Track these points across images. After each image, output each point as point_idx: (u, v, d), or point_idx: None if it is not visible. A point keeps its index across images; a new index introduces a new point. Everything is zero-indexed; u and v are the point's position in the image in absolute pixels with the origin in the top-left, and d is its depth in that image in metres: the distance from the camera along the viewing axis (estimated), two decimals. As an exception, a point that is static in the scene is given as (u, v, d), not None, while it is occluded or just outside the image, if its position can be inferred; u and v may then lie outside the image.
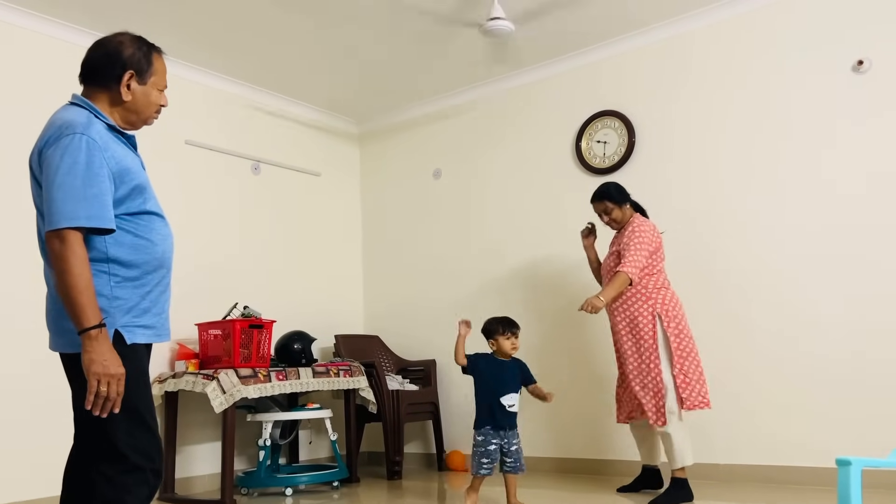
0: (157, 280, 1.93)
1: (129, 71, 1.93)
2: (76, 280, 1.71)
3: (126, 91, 1.93)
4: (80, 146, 1.77)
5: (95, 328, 1.72)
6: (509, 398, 3.36)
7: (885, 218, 3.70)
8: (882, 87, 3.78)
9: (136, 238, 1.88)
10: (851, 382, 3.69)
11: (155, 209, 1.96)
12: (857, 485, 1.76)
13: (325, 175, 5.67)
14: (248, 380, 4.00)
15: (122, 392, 1.75)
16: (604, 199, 3.75)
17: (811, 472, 3.71)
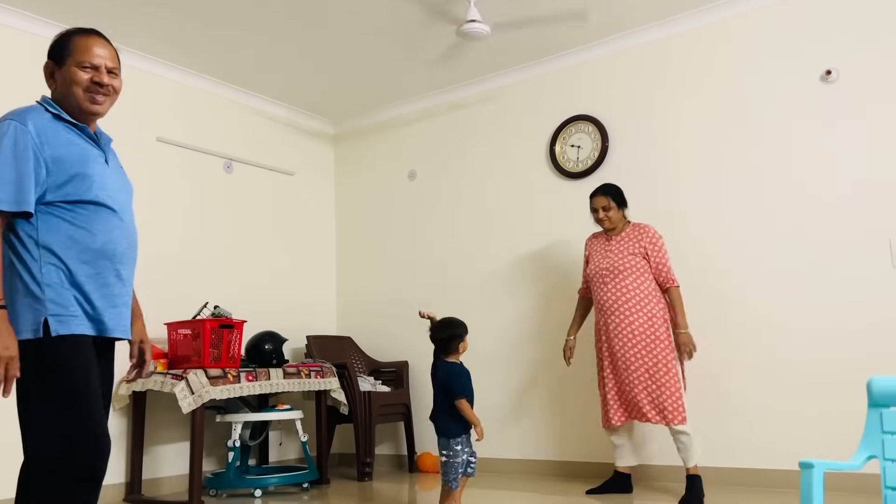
0: (96, 270, 1.91)
1: (47, 62, 1.98)
2: None
3: (51, 82, 1.98)
4: (6, 131, 1.83)
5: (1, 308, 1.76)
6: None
7: (851, 221, 3.78)
8: (848, 96, 3.86)
9: (72, 227, 1.88)
10: (817, 386, 3.75)
11: (104, 200, 1.93)
12: (820, 487, 1.79)
13: (299, 175, 5.64)
14: (218, 380, 3.96)
15: (12, 376, 1.75)
16: (608, 195, 3.81)
17: (779, 474, 3.77)
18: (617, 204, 3.81)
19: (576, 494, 3.79)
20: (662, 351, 3.57)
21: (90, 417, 1.86)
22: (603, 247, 3.87)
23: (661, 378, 3.53)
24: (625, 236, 3.79)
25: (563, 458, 4.52)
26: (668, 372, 3.54)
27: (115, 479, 4.10)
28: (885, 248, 3.69)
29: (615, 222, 3.82)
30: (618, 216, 3.82)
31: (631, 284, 3.67)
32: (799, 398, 3.79)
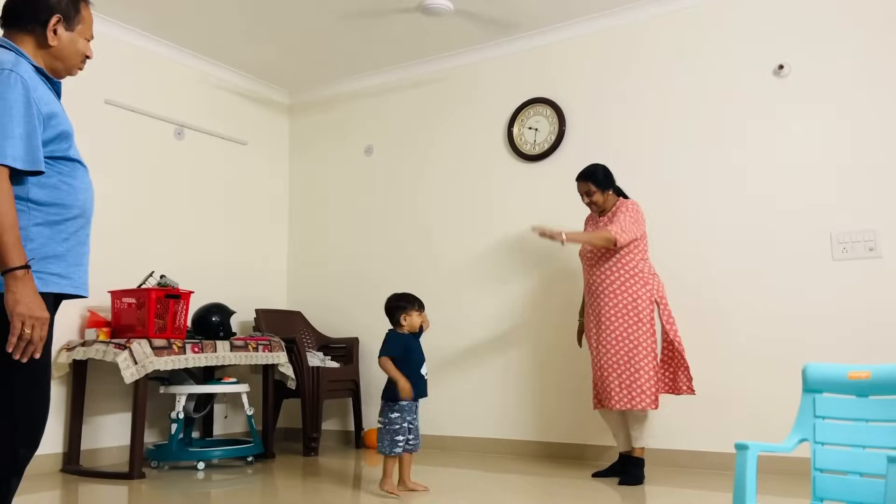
0: (75, 228, 1.88)
1: (57, 15, 1.90)
2: (3, 218, 1.65)
3: (52, 36, 1.90)
4: (10, 83, 1.73)
5: (21, 269, 1.66)
6: (424, 367, 3.40)
7: (796, 213, 3.90)
8: (799, 90, 3.96)
9: (59, 182, 1.83)
10: (755, 373, 3.87)
11: (79, 157, 1.92)
12: (753, 468, 1.85)
13: (253, 145, 5.54)
14: (162, 351, 3.89)
15: (44, 337, 1.70)
16: (588, 180, 3.74)
17: (717, 456, 3.89)
18: (600, 188, 3.73)
19: (581, 478, 3.74)
20: (642, 336, 3.53)
21: (49, 385, 1.84)
22: (593, 227, 3.84)
23: (639, 361, 3.50)
24: (610, 216, 3.73)
25: (545, 438, 4.50)
26: (646, 357, 3.51)
27: (53, 448, 4.01)
28: (827, 241, 3.81)
29: (602, 205, 3.76)
30: (602, 198, 3.74)
31: (613, 266, 3.63)
32: (737, 384, 3.90)
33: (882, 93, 3.76)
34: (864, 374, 1.89)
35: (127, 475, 3.79)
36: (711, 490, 3.39)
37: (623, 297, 3.59)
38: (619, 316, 3.59)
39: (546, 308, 4.56)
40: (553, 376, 4.48)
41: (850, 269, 3.75)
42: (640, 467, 3.60)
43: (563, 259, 4.48)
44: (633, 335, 3.55)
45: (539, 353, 4.56)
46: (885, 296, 3.64)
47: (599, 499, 3.24)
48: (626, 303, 3.58)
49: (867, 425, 1.87)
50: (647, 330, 3.55)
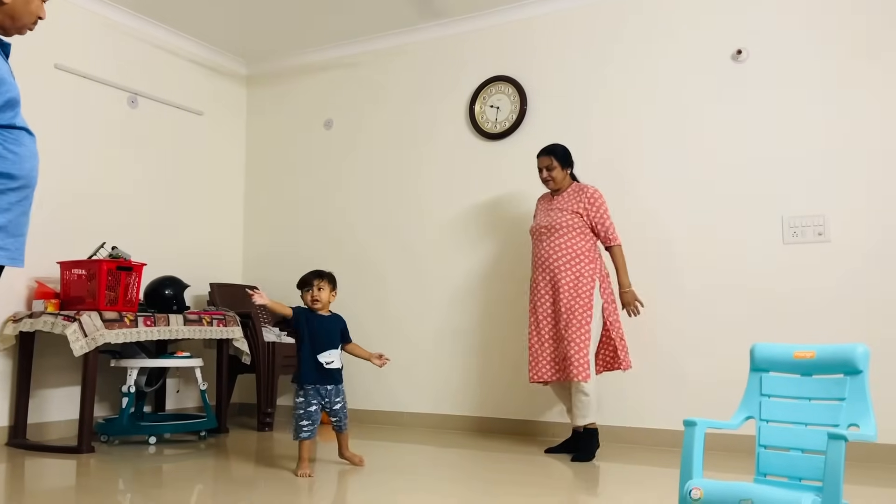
0: (18, 198, 1.80)
1: None
2: None
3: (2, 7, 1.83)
4: None
5: None
6: (327, 355, 3.31)
7: (750, 197, 3.98)
8: (756, 75, 4.02)
9: (3, 151, 1.75)
10: (704, 352, 3.96)
11: (24, 125, 1.83)
12: (700, 444, 1.90)
13: (208, 115, 5.42)
14: (113, 324, 3.81)
15: None
16: (552, 154, 3.85)
17: (666, 434, 3.98)
18: (561, 164, 3.84)
19: (533, 453, 3.78)
20: (580, 308, 3.62)
21: None
22: (546, 206, 3.91)
23: (572, 334, 3.59)
24: (566, 196, 3.84)
25: (498, 415, 4.54)
26: (580, 328, 3.59)
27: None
28: (778, 224, 3.89)
29: (559, 182, 3.85)
30: (561, 176, 3.85)
31: (566, 243, 3.73)
32: (687, 363, 3.99)
33: (836, 79, 3.84)
34: (808, 354, 1.95)
35: (75, 449, 3.72)
36: (662, 466, 3.47)
37: (569, 273, 3.69)
38: (562, 291, 3.68)
39: (498, 283, 4.58)
40: (505, 352, 4.52)
41: (800, 252, 3.84)
42: (592, 441, 3.65)
43: (513, 235, 4.51)
44: (570, 309, 3.64)
45: (492, 329, 4.59)
46: (832, 279, 3.75)
47: (549, 473, 3.29)
48: (570, 278, 3.69)
49: (810, 403, 1.93)
50: (584, 304, 3.63)
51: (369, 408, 4.96)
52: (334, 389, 3.35)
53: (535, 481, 3.14)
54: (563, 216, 3.77)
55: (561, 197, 3.86)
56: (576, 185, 3.88)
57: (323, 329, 3.34)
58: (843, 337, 3.58)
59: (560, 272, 3.71)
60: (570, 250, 3.73)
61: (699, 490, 1.79)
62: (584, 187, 3.84)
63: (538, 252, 3.84)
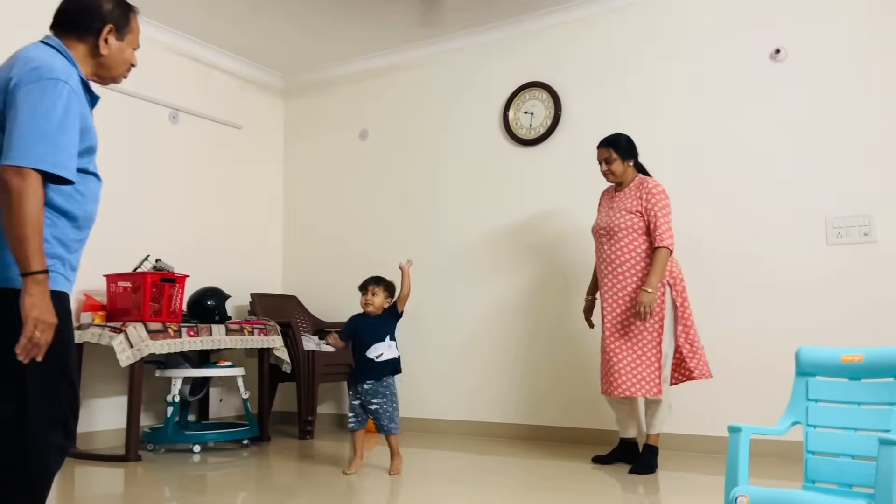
0: (79, 237, 1.92)
1: (110, 25, 1.93)
2: (32, 220, 1.65)
3: (104, 45, 1.93)
4: (62, 93, 1.73)
5: (42, 273, 1.67)
6: (374, 349, 3.46)
7: (791, 198, 3.91)
8: (795, 74, 3.95)
9: (77, 193, 1.87)
10: (749, 356, 3.89)
11: (96, 171, 1.96)
12: (745, 451, 1.86)
13: (247, 129, 5.51)
14: (158, 335, 3.89)
15: (49, 342, 1.68)
16: (611, 146, 3.58)
17: (708, 440, 3.92)
18: (621, 156, 3.55)
19: (576, 460, 3.73)
20: (651, 321, 3.39)
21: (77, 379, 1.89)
22: (608, 203, 3.66)
23: (643, 348, 3.39)
24: (627, 192, 3.56)
25: (541, 422, 4.50)
26: (652, 342, 3.39)
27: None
28: (822, 225, 3.82)
29: (619, 175, 3.58)
30: (621, 168, 3.56)
31: (626, 246, 3.48)
32: (731, 367, 3.92)
33: (879, 77, 3.75)
34: (856, 358, 1.90)
35: (123, 458, 3.80)
36: (707, 473, 3.42)
37: (633, 279, 3.46)
38: (629, 300, 3.45)
39: (543, 291, 4.56)
40: (549, 359, 4.50)
41: (845, 253, 3.76)
42: (654, 455, 3.48)
43: (562, 243, 4.49)
44: (639, 322, 3.42)
45: (535, 337, 4.57)
46: (879, 280, 3.66)
47: (594, 480, 3.26)
48: (636, 285, 3.45)
49: (859, 408, 1.88)
50: (655, 313, 3.40)
51: (406, 415, 4.96)
52: (371, 388, 3.41)
53: (582, 488, 3.11)
54: (622, 217, 3.52)
55: (623, 193, 3.58)
56: (639, 180, 3.56)
57: (370, 326, 3.50)
58: (892, 340, 3.49)
59: (624, 279, 3.47)
60: (633, 254, 3.47)
61: (745, 497, 1.76)
62: (644, 181, 3.53)
63: (600, 256, 3.61)
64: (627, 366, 3.43)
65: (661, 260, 3.39)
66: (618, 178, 3.61)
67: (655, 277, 3.36)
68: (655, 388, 3.39)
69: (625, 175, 3.60)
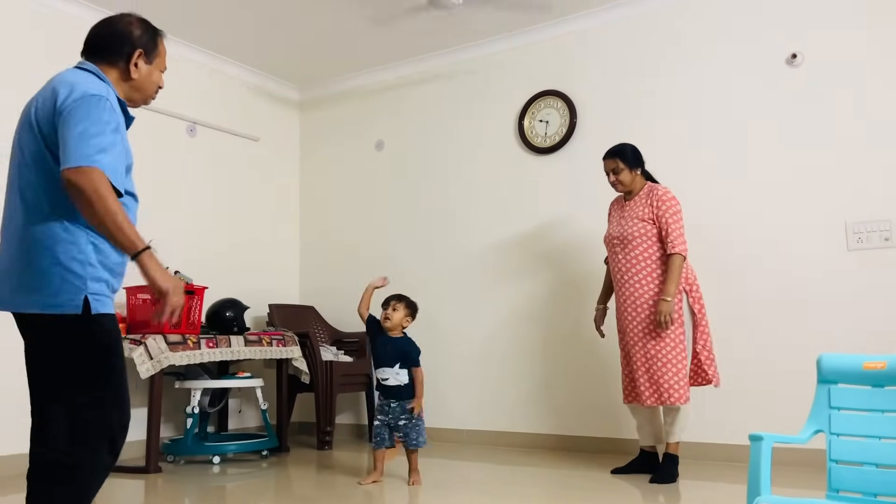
0: (125, 261, 1.95)
1: (139, 50, 2.02)
2: (114, 209, 1.74)
3: (134, 69, 2.02)
4: (106, 108, 1.82)
5: (147, 248, 1.79)
6: (381, 372, 3.44)
7: (810, 203, 3.87)
8: (812, 79, 3.92)
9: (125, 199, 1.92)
10: (768, 363, 3.85)
11: (133, 190, 2.01)
12: (767, 460, 1.84)
13: (264, 140, 5.56)
14: (177, 346, 3.92)
15: (182, 303, 1.87)
16: (616, 157, 3.56)
17: (729, 448, 3.87)
18: (628, 165, 3.54)
19: (596, 470, 3.71)
20: (672, 325, 3.36)
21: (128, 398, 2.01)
22: (618, 212, 3.66)
23: (666, 355, 3.36)
24: (637, 200, 3.55)
25: (561, 432, 4.48)
26: (674, 350, 3.36)
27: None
28: (842, 230, 3.78)
29: (628, 185, 3.56)
30: (629, 178, 3.55)
31: (641, 254, 3.46)
32: (751, 374, 3.88)
33: (897, 81, 3.72)
34: (879, 365, 1.88)
35: (143, 469, 3.82)
36: (729, 482, 3.38)
37: (650, 287, 3.44)
38: (646, 307, 3.43)
39: (561, 300, 4.55)
40: (565, 368, 4.48)
41: (866, 258, 3.71)
42: (675, 464, 3.45)
43: (577, 250, 4.48)
44: (658, 330, 3.39)
45: (551, 345, 4.55)
46: (901, 286, 3.61)
47: (615, 489, 3.24)
48: (652, 293, 3.43)
49: (883, 416, 1.85)
50: (675, 320, 3.38)
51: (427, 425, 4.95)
52: (398, 406, 3.40)
53: (604, 498, 3.09)
54: (634, 225, 3.51)
55: (633, 202, 3.57)
56: (648, 187, 3.56)
57: (384, 347, 3.47)
58: (916, 346, 3.44)
59: (641, 287, 3.45)
60: (648, 262, 3.45)
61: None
62: (654, 188, 3.54)
63: (614, 266, 3.60)
64: (653, 374, 3.40)
65: (676, 267, 3.39)
66: (626, 188, 3.60)
67: (672, 285, 3.36)
68: (682, 397, 3.36)
69: (633, 184, 3.59)
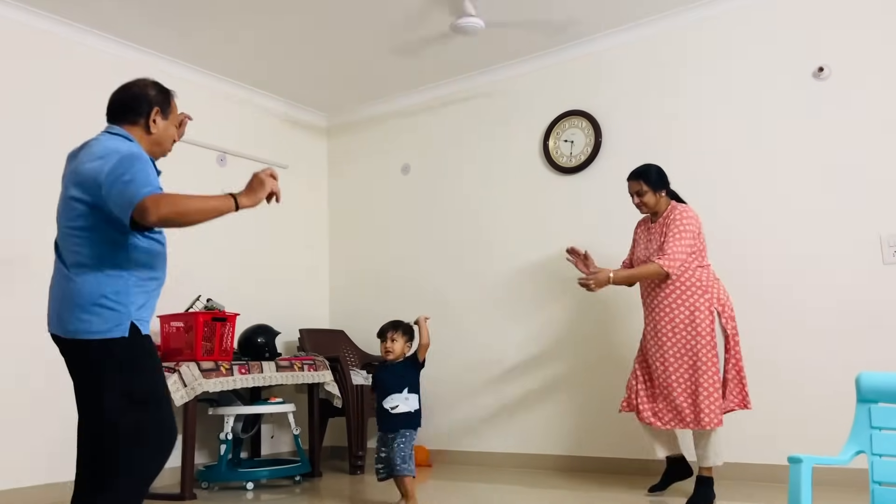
0: (154, 287, 2.21)
1: (156, 107, 2.29)
2: (200, 207, 2.10)
3: (153, 125, 2.28)
4: (142, 159, 2.10)
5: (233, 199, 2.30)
6: (390, 400, 3.41)
7: (843, 218, 3.81)
8: (840, 92, 3.88)
9: (148, 256, 2.17)
10: (805, 382, 3.78)
11: (163, 240, 2.28)
12: (808, 482, 1.81)
13: (293, 168, 5.63)
14: (210, 373, 3.96)
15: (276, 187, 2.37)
16: (640, 178, 3.54)
17: (765, 469, 3.80)
18: (652, 187, 3.51)
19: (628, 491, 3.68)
20: (703, 348, 3.32)
21: None
22: (645, 234, 3.63)
23: (700, 379, 3.31)
24: (661, 222, 3.52)
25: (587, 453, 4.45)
26: (708, 372, 3.31)
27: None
28: (876, 244, 3.72)
29: (653, 206, 3.54)
30: (654, 200, 3.52)
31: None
32: (787, 393, 3.81)
33: (928, 92, 3.67)
34: (920, 383, 1.84)
35: (178, 497, 3.85)
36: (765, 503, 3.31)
37: (680, 309, 3.39)
38: (678, 331, 3.39)
39: (589, 321, 4.52)
40: (591, 388, 4.43)
41: (902, 273, 3.64)
42: (710, 486, 3.37)
43: (605, 271, 4.45)
44: (693, 350, 3.34)
45: (578, 368, 4.52)
46: (940, 300, 3.53)
47: (650, 514, 3.19)
48: (683, 316, 3.38)
49: (926, 436, 1.81)
50: (706, 343, 3.33)
51: (454, 448, 4.94)
52: (395, 436, 3.38)
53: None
54: (652, 250, 3.51)
55: (658, 223, 3.54)
56: (671, 207, 3.52)
57: (390, 375, 3.46)
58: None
59: (674, 310, 3.41)
60: (677, 285, 3.41)
61: (810, 530, 1.71)
62: (674, 207, 3.50)
63: (644, 287, 3.56)
64: (690, 397, 3.35)
65: (645, 271, 3.42)
66: (651, 209, 3.57)
67: (626, 274, 3.47)
68: (713, 420, 3.29)
69: (658, 205, 3.56)
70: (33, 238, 3.78)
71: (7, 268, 3.88)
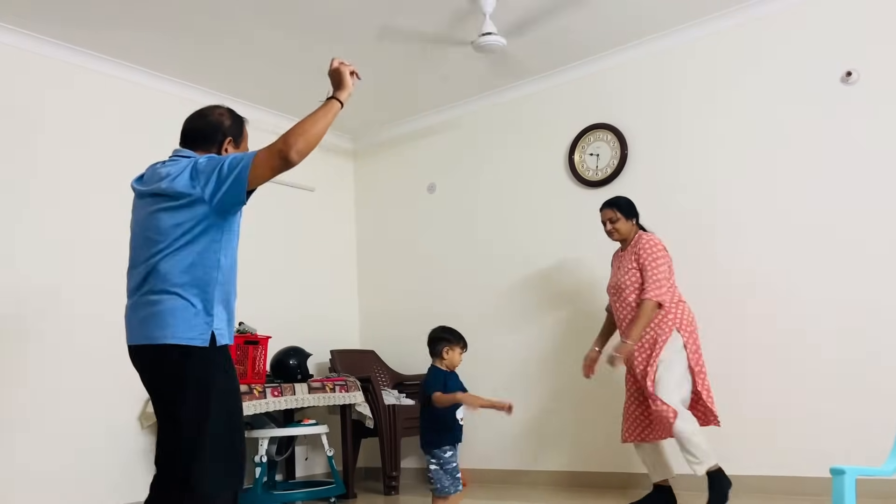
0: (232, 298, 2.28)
1: (229, 137, 2.38)
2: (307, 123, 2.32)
3: (224, 153, 2.34)
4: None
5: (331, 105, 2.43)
6: (461, 410, 3.19)
7: (875, 221, 3.74)
8: (869, 97, 3.82)
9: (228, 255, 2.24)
10: (846, 389, 3.70)
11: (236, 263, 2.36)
12: (852, 494, 1.77)
13: (320, 190, 5.69)
14: (244, 396, 3.98)
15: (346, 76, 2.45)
16: (614, 207, 3.74)
17: (808, 481, 3.71)
18: (624, 215, 3.71)
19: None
20: (665, 362, 3.45)
21: None
22: (617, 263, 3.81)
23: (654, 391, 3.42)
24: (629, 250, 3.70)
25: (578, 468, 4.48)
26: (660, 383, 3.41)
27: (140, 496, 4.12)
28: (912, 249, 3.64)
29: (624, 234, 3.73)
30: (626, 228, 3.72)
31: (633, 303, 3.59)
32: (827, 401, 3.73)
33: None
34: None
35: (215, 520, 3.86)
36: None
37: (646, 333, 3.53)
38: (641, 352, 3.54)
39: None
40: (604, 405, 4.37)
41: (941, 278, 3.56)
42: (720, 480, 3.36)
43: (635, 284, 4.41)
44: (652, 366, 3.46)
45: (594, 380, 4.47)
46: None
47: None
48: (646, 339, 3.54)
49: (974, 444, 1.76)
50: (667, 357, 3.46)
51: (490, 467, 4.90)
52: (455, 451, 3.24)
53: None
54: (626, 275, 3.65)
55: (625, 252, 3.73)
56: (637, 236, 3.71)
57: (457, 387, 3.19)
58: None
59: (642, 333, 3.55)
60: None
61: (856, 544, 1.67)
62: (640, 236, 3.68)
63: (616, 313, 3.74)
64: (639, 413, 3.61)
65: (645, 312, 3.50)
66: (623, 236, 3.74)
67: (637, 329, 3.50)
68: (657, 433, 3.51)
69: (628, 233, 3.73)
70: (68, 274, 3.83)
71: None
